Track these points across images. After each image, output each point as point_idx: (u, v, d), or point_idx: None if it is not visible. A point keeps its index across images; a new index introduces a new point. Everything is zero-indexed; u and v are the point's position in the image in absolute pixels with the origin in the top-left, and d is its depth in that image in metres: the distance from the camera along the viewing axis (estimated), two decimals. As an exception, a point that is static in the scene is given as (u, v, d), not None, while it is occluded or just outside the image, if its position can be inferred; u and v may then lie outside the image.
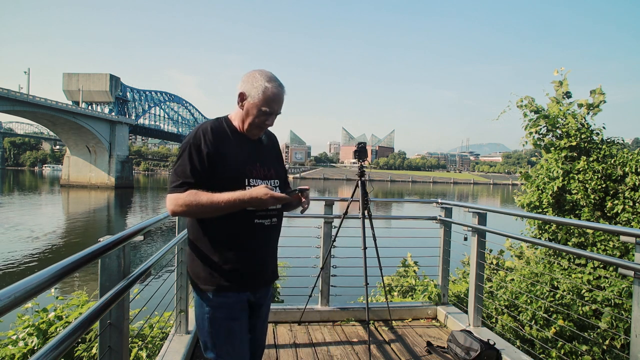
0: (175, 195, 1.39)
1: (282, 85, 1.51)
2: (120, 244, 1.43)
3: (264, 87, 1.45)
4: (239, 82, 1.50)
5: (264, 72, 1.49)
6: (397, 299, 4.67)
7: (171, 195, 1.40)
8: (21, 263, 13.63)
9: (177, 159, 1.46)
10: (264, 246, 1.55)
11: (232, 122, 1.54)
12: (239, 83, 1.50)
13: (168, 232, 16.56)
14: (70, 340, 1.07)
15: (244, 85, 1.48)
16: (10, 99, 41.76)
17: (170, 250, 2.23)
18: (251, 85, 1.46)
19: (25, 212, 27.56)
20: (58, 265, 1.03)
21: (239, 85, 1.50)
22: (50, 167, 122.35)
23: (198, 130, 1.47)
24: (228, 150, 1.47)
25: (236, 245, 1.48)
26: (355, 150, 3.10)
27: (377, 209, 26.44)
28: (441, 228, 3.58)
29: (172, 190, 1.40)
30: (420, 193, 78.18)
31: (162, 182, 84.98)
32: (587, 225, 2.79)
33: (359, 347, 2.84)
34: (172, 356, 2.40)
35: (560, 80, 4.98)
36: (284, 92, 1.50)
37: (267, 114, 1.48)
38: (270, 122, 1.53)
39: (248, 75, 1.49)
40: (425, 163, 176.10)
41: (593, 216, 4.21)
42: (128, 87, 66.83)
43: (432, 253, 3.65)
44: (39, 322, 2.75)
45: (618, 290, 3.41)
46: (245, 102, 1.48)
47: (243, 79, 1.50)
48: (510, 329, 3.64)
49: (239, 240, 1.49)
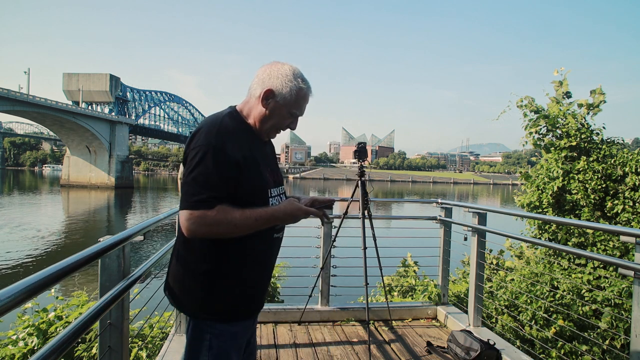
0: (201, 213, 1.10)
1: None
2: (120, 244, 1.43)
3: (298, 88, 1.25)
4: (262, 75, 1.26)
5: (294, 68, 1.27)
6: (397, 299, 4.67)
7: (194, 212, 1.11)
8: (21, 263, 13.63)
9: (194, 164, 1.13)
10: (274, 263, 1.38)
11: (246, 118, 1.28)
12: (262, 76, 1.26)
13: (168, 232, 16.57)
14: (70, 340, 1.07)
15: (273, 81, 1.24)
16: (10, 99, 41.76)
17: (170, 250, 2.22)
18: (282, 83, 1.24)
19: (25, 212, 27.55)
20: (58, 265, 1.03)
21: (262, 79, 1.25)
22: (50, 167, 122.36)
23: (216, 127, 1.18)
24: (253, 154, 1.23)
25: (254, 264, 1.27)
26: (355, 150, 3.10)
27: (377, 209, 26.44)
28: (441, 228, 3.57)
29: (196, 206, 1.11)
30: (420, 193, 78.20)
31: (162, 182, 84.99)
32: (587, 225, 2.79)
33: (359, 347, 2.84)
34: (172, 356, 2.40)
35: (560, 80, 4.98)
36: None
37: (296, 116, 1.29)
38: (295, 126, 1.33)
39: (277, 70, 1.26)
40: (425, 163, 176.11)
41: (593, 216, 4.21)
42: (128, 87, 66.84)
43: (432, 253, 3.65)
44: (39, 322, 2.75)
45: (618, 290, 3.41)
46: (272, 100, 1.24)
47: (270, 74, 1.25)
48: (510, 329, 3.64)
49: (258, 258, 1.27)
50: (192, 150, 1.15)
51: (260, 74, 1.27)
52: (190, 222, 1.11)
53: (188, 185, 1.13)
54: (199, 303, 1.22)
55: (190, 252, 1.23)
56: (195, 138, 1.17)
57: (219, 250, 1.20)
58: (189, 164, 1.14)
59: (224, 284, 1.22)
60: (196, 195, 1.11)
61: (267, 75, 1.26)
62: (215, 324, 1.23)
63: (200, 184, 1.12)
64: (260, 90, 1.25)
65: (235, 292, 1.24)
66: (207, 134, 1.16)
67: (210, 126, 1.18)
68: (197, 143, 1.15)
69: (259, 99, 1.25)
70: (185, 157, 1.18)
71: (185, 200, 1.12)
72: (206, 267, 1.21)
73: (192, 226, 1.11)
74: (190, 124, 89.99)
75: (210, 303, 1.22)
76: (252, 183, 1.20)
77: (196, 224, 1.11)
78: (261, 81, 1.26)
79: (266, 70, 1.27)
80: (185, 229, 1.13)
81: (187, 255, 1.24)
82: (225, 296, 1.22)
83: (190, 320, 1.26)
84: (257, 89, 1.26)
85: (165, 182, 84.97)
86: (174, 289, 1.26)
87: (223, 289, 1.22)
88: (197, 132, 1.19)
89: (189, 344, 1.26)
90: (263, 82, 1.25)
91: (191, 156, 1.14)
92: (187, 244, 1.23)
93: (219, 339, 1.23)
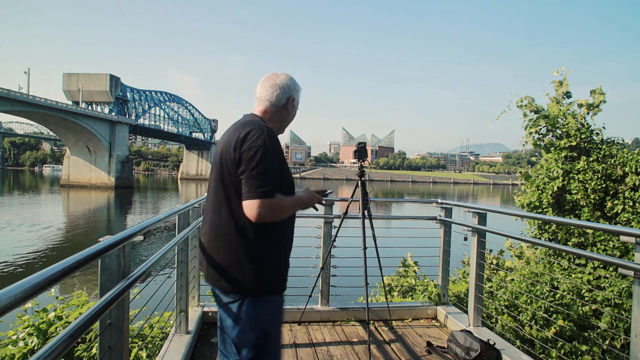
0: (269, 201, 1.37)
1: None
2: (120, 244, 1.42)
3: (300, 91, 1.64)
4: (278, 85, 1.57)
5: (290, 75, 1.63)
6: (397, 299, 4.67)
7: (264, 201, 1.36)
8: (21, 263, 13.63)
9: (256, 161, 1.37)
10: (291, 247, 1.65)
11: (267, 123, 1.54)
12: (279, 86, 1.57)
13: (168, 232, 16.56)
14: (70, 340, 1.07)
15: (292, 90, 1.59)
16: (10, 99, 41.75)
17: (170, 250, 2.23)
18: (295, 89, 1.61)
19: (25, 212, 27.55)
20: (58, 265, 1.03)
21: (282, 89, 1.57)
22: (50, 167, 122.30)
23: (266, 131, 1.43)
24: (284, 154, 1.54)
25: (289, 248, 1.57)
26: (355, 150, 3.10)
27: (377, 209, 26.43)
28: (441, 228, 3.57)
29: (263, 196, 1.36)
30: (420, 193, 78.17)
31: (162, 182, 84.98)
32: (587, 225, 2.79)
33: (359, 347, 2.84)
34: (172, 356, 2.40)
35: (560, 80, 4.98)
36: None
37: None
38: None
39: (286, 80, 1.59)
40: (425, 163, 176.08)
41: (593, 216, 4.21)
42: (128, 87, 66.77)
43: (432, 253, 3.65)
44: (39, 322, 2.75)
45: (618, 290, 3.41)
46: (291, 105, 1.60)
47: (285, 84, 1.58)
48: (510, 329, 3.63)
49: (290, 242, 1.58)
50: (250, 149, 1.39)
51: (275, 85, 1.57)
52: (261, 209, 1.36)
53: (254, 179, 1.37)
54: (258, 281, 1.43)
55: (245, 238, 1.43)
56: (249, 139, 1.40)
57: (266, 234, 1.44)
58: (250, 160, 1.38)
59: (272, 263, 1.47)
60: (263, 187, 1.37)
61: (284, 86, 1.57)
62: (271, 297, 1.47)
63: (265, 177, 1.37)
64: (285, 99, 1.58)
65: (279, 270, 1.50)
66: (260, 135, 1.41)
67: (260, 129, 1.43)
68: (253, 143, 1.39)
69: (285, 106, 1.59)
70: (240, 155, 1.40)
71: (255, 192, 1.37)
72: (259, 250, 1.44)
73: (262, 212, 1.36)
74: (190, 124, 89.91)
75: (267, 280, 1.46)
76: (288, 176, 1.51)
77: (265, 210, 1.36)
78: (282, 91, 1.57)
79: (278, 81, 1.57)
80: (255, 215, 1.37)
81: (242, 241, 1.44)
82: (274, 273, 1.48)
83: (246, 299, 1.44)
84: (281, 99, 1.57)
85: (165, 182, 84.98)
86: (231, 273, 1.44)
87: (272, 267, 1.47)
88: (247, 134, 1.41)
89: (249, 318, 1.44)
90: (284, 91, 1.57)
91: (251, 154, 1.38)
92: (242, 231, 1.43)
93: (274, 309, 1.49)
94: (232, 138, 1.44)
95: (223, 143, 1.49)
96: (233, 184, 1.42)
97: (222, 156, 1.46)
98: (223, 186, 1.45)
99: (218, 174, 1.47)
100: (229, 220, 1.44)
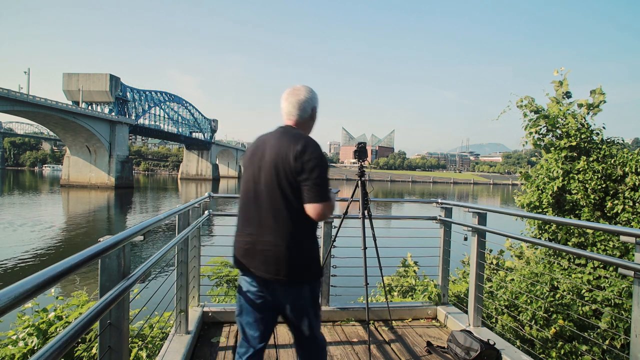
0: (329, 203, 1.69)
1: None
2: (120, 244, 1.42)
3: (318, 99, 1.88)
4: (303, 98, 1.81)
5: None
6: (397, 299, 4.67)
7: (327, 203, 1.68)
8: (21, 263, 13.63)
9: (320, 170, 1.66)
10: None
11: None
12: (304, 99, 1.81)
13: (168, 232, 16.57)
14: (70, 340, 1.07)
15: (313, 101, 1.84)
16: (10, 99, 41.71)
17: (171, 250, 2.23)
18: (316, 99, 1.86)
19: (25, 212, 27.55)
20: (58, 266, 1.03)
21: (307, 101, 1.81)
22: (50, 167, 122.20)
23: (318, 145, 1.73)
24: None
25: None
26: (355, 150, 3.09)
27: (377, 209, 26.43)
28: (441, 228, 3.57)
29: (326, 200, 1.67)
30: (420, 193, 78.16)
31: (162, 182, 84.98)
32: (587, 225, 2.79)
33: (359, 347, 2.84)
34: (172, 356, 2.40)
35: (560, 80, 4.98)
36: None
37: None
38: None
39: (310, 92, 1.84)
40: (425, 163, 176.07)
41: (593, 216, 4.21)
42: (128, 87, 66.72)
43: (432, 253, 3.65)
44: (39, 322, 2.75)
45: (618, 290, 3.41)
46: (314, 114, 1.87)
47: (309, 96, 1.82)
48: (510, 329, 3.63)
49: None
50: (312, 160, 1.65)
51: (300, 100, 1.81)
52: (325, 210, 1.67)
53: (318, 186, 1.65)
54: (316, 269, 1.78)
55: (307, 235, 1.75)
56: (308, 151, 1.66)
57: (314, 232, 1.80)
58: (312, 170, 1.65)
59: (318, 254, 1.83)
60: (325, 192, 1.67)
61: (307, 99, 1.82)
62: (320, 281, 1.86)
63: (325, 184, 1.68)
64: (310, 110, 1.83)
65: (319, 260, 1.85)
66: (316, 147, 1.70)
67: (315, 143, 1.71)
68: (313, 155, 1.66)
69: (310, 116, 1.85)
70: (301, 165, 1.64)
71: (320, 197, 1.65)
72: (316, 244, 1.81)
73: (326, 213, 1.68)
74: (190, 124, 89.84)
75: (318, 268, 1.80)
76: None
77: (327, 211, 1.68)
78: (307, 104, 1.82)
79: (302, 97, 1.81)
80: (320, 215, 1.67)
81: (305, 237, 1.74)
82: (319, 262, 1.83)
83: (306, 283, 1.75)
84: (307, 111, 1.82)
85: (165, 182, 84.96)
86: (299, 265, 1.71)
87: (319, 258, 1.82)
88: (305, 147, 1.66)
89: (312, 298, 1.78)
90: (308, 104, 1.82)
91: (312, 165, 1.65)
92: (305, 229, 1.73)
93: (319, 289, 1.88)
94: (287, 150, 1.66)
95: (274, 153, 1.69)
96: (292, 189, 1.66)
97: (277, 165, 1.67)
98: (280, 191, 1.67)
99: (274, 181, 1.68)
100: (288, 220, 1.69)
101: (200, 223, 3.06)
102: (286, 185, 1.66)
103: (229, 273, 4.12)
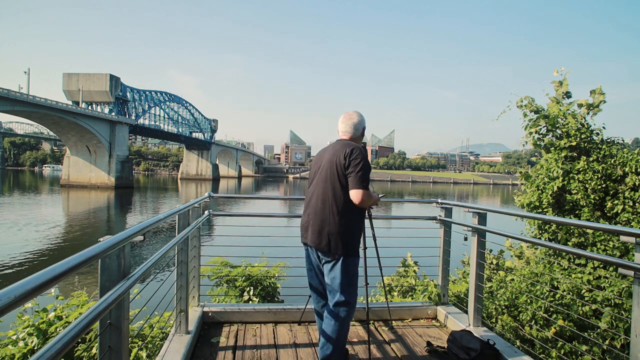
0: (367, 191, 2.24)
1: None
2: (120, 244, 1.42)
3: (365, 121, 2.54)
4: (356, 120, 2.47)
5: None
6: (397, 299, 4.66)
7: (367, 191, 2.24)
8: (21, 263, 13.63)
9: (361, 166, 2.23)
10: None
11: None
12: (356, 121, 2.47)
13: (168, 232, 16.57)
14: (70, 340, 1.07)
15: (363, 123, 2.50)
16: (10, 99, 41.69)
17: (171, 250, 2.23)
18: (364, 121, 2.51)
19: (25, 212, 27.54)
20: (58, 266, 1.03)
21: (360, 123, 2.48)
22: (50, 167, 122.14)
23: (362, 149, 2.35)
24: None
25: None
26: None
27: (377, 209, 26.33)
28: (441, 228, 3.57)
29: (365, 188, 2.23)
30: (420, 193, 78.14)
31: (162, 182, 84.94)
32: (587, 225, 2.79)
33: (359, 347, 2.83)
34: (172, 356, 2.40)
35: (560, 80, 4.97)
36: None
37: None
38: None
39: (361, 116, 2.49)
40: (425, 163, 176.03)
41: (593, 216, 4.21)
42: (128, 87, 66.68)
43: (432, 253, 3.65)
44: (39, 322, 2.75)
45: (618, 290, 3.41)
46: (363, 132, 2.51)
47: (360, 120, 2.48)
48: (510, 329, 3.63)
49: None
50: (355, 159, 2.25)
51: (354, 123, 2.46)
52: (364, 196, 2.22)
53: (360, 177, 2.22)
54: (354, 246, 2.30)
55: (349, 217, 2.27)
56: (354, 153, 2.26)
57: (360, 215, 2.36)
58: (356, 166, 2.23)
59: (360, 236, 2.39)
60: (365, 182, 2.23)
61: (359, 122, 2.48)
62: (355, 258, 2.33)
63: (365, 177, 2.24)
64: (362, 129, 2.50)
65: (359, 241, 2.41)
66: (361, 152, 2.29)
67: (360, 149, 2.32)
68: (357, 155, 2.26)
69: (361, 134, 2.50)
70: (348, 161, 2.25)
71: (360, 185, 2.21)
72: (357, 226, 2.33)
73: (364, 198, 2.22)
74: (190, 124, 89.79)
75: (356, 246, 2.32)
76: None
77: (365, 196, 2.22)
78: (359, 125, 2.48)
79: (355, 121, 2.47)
80: (360, 201, 2.21)
81: (348, 219, 2.27)
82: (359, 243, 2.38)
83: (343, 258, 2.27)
84: (359, 130, 2.48)
85: (166, 182, 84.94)
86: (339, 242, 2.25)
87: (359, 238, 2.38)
88: (353, 150, 2.27)
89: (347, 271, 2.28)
90: (360, 125, 2.48)
91: (357, 162, 2.24)
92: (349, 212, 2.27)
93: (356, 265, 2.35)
94: (340, 152, 2.28)
95: (330, 155, 2.33)
96: (340, 181, 2.26)
97: (332, 163, 2.29)
98: (332, 183, 2.27)
99: (330, 174, 2.28)
100: (334, 205, 2.25)
101: (200, 223, 3.06)
102: (337, 178, 2.25)
103: (229, 273, 4.12)
